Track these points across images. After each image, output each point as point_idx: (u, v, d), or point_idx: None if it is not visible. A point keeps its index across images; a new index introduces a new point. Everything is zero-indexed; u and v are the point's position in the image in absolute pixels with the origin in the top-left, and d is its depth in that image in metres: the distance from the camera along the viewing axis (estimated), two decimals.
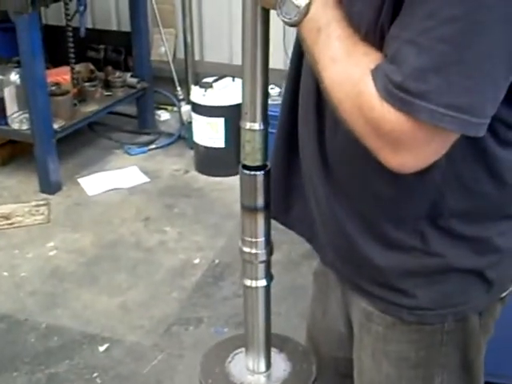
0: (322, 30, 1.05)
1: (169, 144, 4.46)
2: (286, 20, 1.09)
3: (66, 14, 4.07)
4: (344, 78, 1.03)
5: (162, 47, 4.65)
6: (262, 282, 1.41)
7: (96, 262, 3.31)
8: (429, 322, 1.25)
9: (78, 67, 4.28)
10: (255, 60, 1.25)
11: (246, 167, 1.32)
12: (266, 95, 1.28)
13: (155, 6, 4.50)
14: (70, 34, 4.09)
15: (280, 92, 3.88)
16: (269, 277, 1.42)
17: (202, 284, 3.15)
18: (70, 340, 2.82)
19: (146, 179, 4.04)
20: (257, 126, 1.27)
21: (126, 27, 4.64)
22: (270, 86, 4.03)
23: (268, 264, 1.42)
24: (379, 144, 1.02)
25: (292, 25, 1.09)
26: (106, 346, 2.79)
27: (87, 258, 3.34)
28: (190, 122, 4.19)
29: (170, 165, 4.24)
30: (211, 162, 4.10)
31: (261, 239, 1.39)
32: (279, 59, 4.63)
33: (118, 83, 4.38)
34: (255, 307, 1.44)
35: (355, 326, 1.38)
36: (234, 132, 3.99)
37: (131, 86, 4.42)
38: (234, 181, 3.99)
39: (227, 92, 3.99)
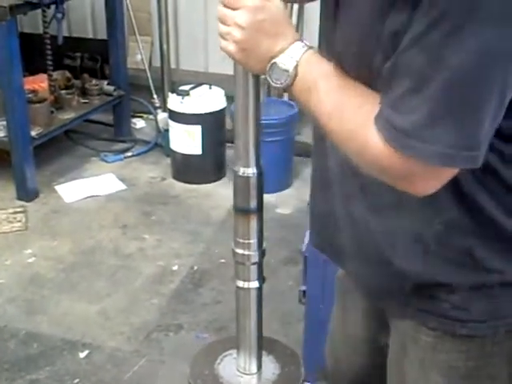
0: (311, 88, 1.10)
1: (145, 152, 4.48)
2: (277, 85, 1.14)
3: (44, 22, 4.08)
4: (345, 133, 1.08)
5: (138, 55, 4.67)
6: (255, 284, 1.46)
7: (75, 269, 3.32)
8: (480, 335, 1.25)
9: (54, 75, 4.28)
10: (247, 117, 1.31)
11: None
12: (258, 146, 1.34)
13: (132, 14, 4.53)
14: (48, 41, 4.10)
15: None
16: (261, 278, 1.46)
17: (181, 290, 3.18)
18: (50, 346, 2.82)
19: (122, 186, 4.05)
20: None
21: (103, 35, 4.66)
22: None
23: (260, 266, 1.46)
24: (395, 181, 1.09)
25: (284, 89, 1.14)
26: (86, 352, 2.80)
27: (66, 265, 3.35)
28: (167, 130, 4.21)
29: (147, 172, 4.26)
30: (188, 169, 4.12)
31: (253, 241, 1.43)
32: None
33: (94, 91, 4.39)
34: (247, 308, 1.48)
35: (396, 338, 1.37)
36: (210, 139, 4.02)
37: (108, 94, 4.43)
38: (211, 188, 4.04)
39: (204, 100, 4.02)
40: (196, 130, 3.99)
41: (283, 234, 3.50)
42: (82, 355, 2.78)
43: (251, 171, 1.37)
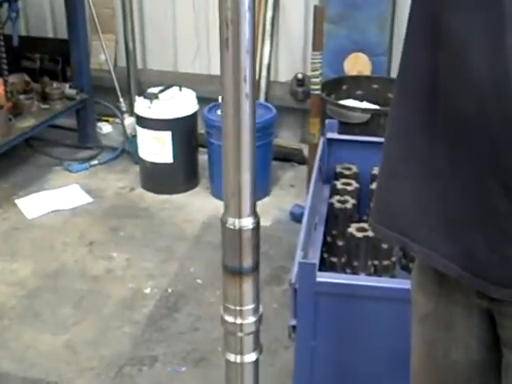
0: None
1: (112, 159, 4.19)
2: None
3: None
4: None
5: (102, 55, 4.37)
6: (250, 357, 1.20)
7: (38, 295, 3.03)
8: None
9: (11, 78, 3.96)
10: (239, 147, 1.04)
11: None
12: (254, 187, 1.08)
13: (93, 11, 4.21)
14: (2, 42, 3.78)
15: None
16: (258, 349, 1.21)
17: (155, 316, 2.91)
18: None
19: (88, 199, 3.76)
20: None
21: (63, 34, 4.35)
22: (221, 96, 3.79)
23: (257, 335, 1.20)
24: None
25: None
26: None
27: (28, 291, 3.06)
28: (135, 136, 3.93)
29: (114, 182, 3.97)
30: (158, 178, 3.85)
31: (247, 307, 1.17)
32: None
33: (55, 95, 4.10)
34: None
35: None
36: (182, 146, 3.75)
37: (70, 98, 4.15)
38: (184, 198, 3.78)
39: (174, 103, 3.74)
40: (166, 137, 3.71)
41: (263, 249, 3.22)
42: None
43: (245, 223, 1.10)
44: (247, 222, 1.09)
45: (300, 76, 4.15)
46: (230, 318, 1.17)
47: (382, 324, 2.02)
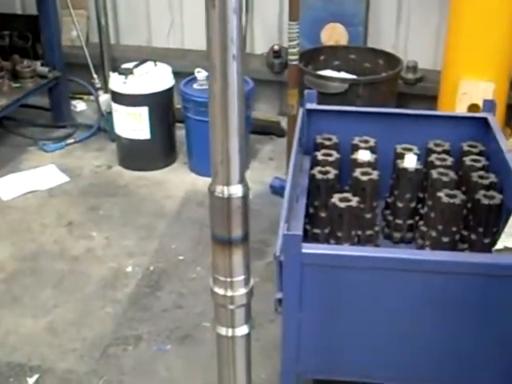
0: None
1: (87, 137, 4.12)
2: None
3: None
4: None
5: (74, 31, 4.30)
6: (241, 330, 1.18)
7: (16, 278, 2.97)
8: None
9: None
10: (227, 116, 0.99)
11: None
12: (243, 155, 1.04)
13: None
14: None
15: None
16: (249, 323, 1.18)
17: (137, 295, 2.87)
18: None
19: (65, 178, 3.70)
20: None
21: (32, 10, 4.25)
22: (197, 70, 3.74)
23: (248, 307, 1.17)
24: None
25: None
26: (35, 377, 2.47)
27: (6, 274, 3.00)
28: (110, 113, 3.86)
29: (91, 160, 3.91)
30: (136, 155, 3.78)
31: (238, 278, 1.14)
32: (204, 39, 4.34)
33: (27, 73, 4.01)
34: (232, 359, 1.20)
35: None
36: (159, 122, 3.70)
37: (42, 76, 4.05)
38: (162, 174, 3.73)
39: (150, 78, 3.68)
40: (142, 112, 3.64)
41: None
42: (30, 381, 2.45)
43: (234, 191, 1.07)
44: (236, 190, 1.06)
45: (276, 48, 4.09)
46: (220, 291, 1.14)
47: (368, 293, 1.99)
